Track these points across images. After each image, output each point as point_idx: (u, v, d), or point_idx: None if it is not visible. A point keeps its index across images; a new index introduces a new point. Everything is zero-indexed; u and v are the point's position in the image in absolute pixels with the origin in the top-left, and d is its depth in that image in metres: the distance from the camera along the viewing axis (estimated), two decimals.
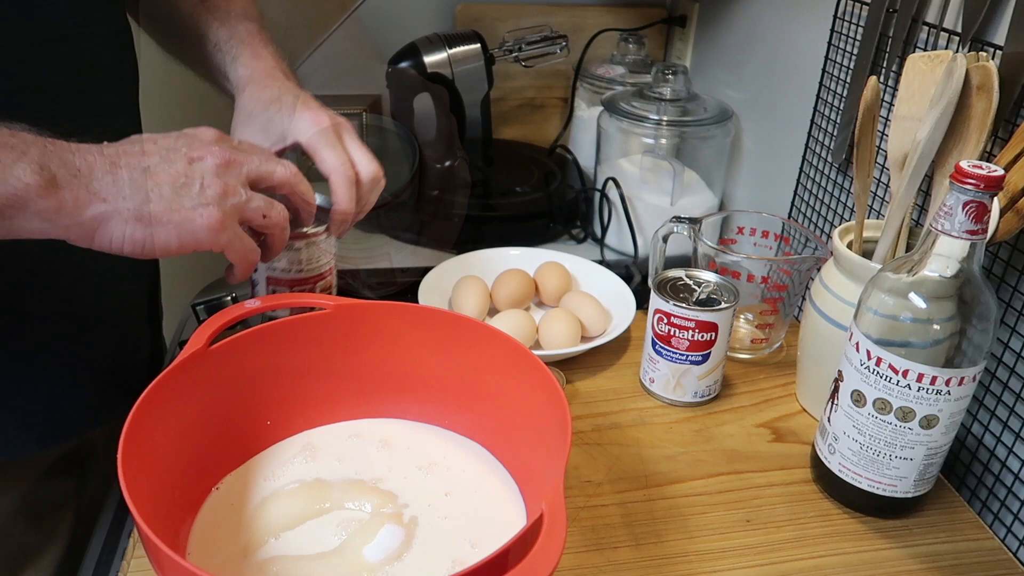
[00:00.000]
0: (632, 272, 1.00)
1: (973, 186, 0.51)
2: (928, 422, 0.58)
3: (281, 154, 0.65)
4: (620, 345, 0.84)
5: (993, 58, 0.64)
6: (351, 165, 0.65)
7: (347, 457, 0.61)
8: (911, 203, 0.66)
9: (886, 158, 0.69)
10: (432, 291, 0.86)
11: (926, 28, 0.74)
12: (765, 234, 0.87)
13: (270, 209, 0.56)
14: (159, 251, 0.51)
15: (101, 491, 0.70)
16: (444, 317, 0.63)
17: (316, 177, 0.65)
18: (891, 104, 0.68)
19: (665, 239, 0.85)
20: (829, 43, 0.89)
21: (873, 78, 0.67)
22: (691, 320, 0.72)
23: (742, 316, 0.87)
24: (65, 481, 0.70)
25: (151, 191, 0.50)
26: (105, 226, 0.49)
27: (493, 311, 0.87)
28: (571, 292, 0.88)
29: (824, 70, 0.90)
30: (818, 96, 0.92)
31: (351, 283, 0.89)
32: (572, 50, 1.21)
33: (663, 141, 1.10)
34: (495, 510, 0.57)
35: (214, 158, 0.53)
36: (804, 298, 0.76)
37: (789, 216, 0.99)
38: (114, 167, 0.49)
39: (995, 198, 0.54)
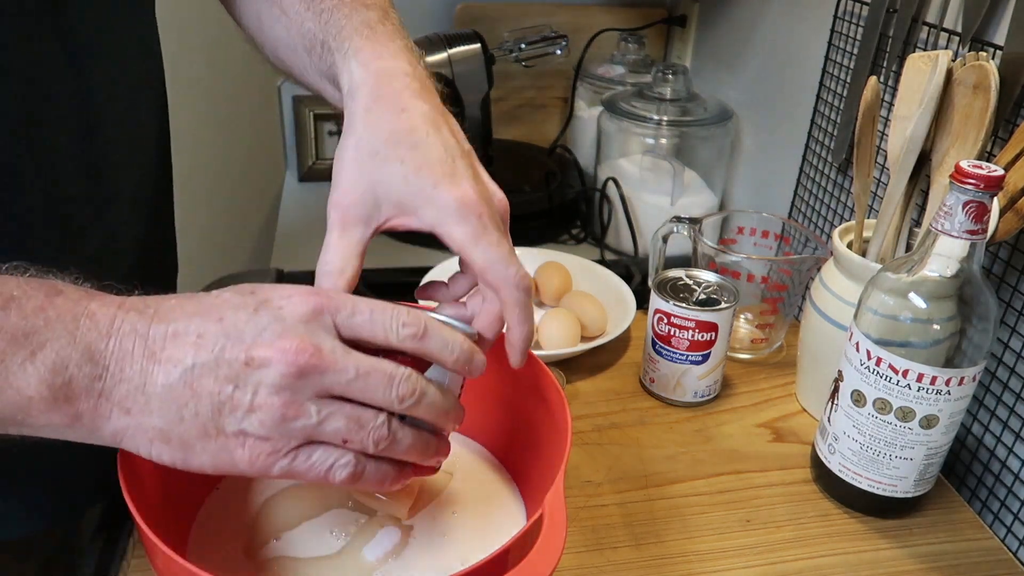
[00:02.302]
0: (632, 272, 1.00)
1: (973, 186, 0.51)
2: (928, 422, 0.58)
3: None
4: (620, 345, 0.84)
5: (993, 58, 0.64)
6: (526, 275, 0.47)
7: None
8: (899, 199, 0.66)
9: (886, 158, 0.69)
10: None
11: (926, 28, 0.74)
12: (765, 234, 0.87)
13: (356, 432, 0.41)
14: (198, 472, 0.41)
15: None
16: None
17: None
18: (891, 104, 0.68)
19: (665, 239, 0.85)
20: (829, 43, 0.89)
21: (873, 78, 0.67)
22: (691, 320, 0.72)
23: (742, 316, 0.87)
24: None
25: (185, 406, 0.39)
26: (127, 441, 0.40)
27: None
28: (571, 292, 0.88)
29: (824, 70, 0.90)
30: (818, 96, 0.92)
31: None
32: (572, 50, 1.22)
33: (663, 141, 1.10)
34: (495, 510, 0.57)
35: (282, 364, 0.38)
36: (804, 298, 0.76)
37: (789, 216, 0.99)
38: (152, 360, 0.38)
39: (995, 198, 0.54)
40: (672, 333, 0.73)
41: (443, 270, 0.89)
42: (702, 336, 0.72)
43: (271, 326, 0.39)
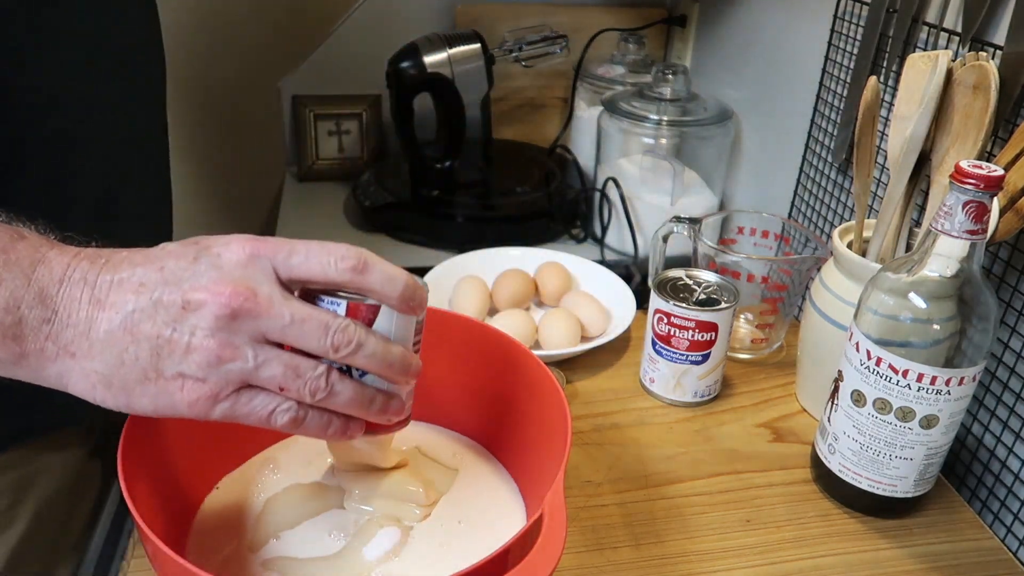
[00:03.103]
0: (632, 272, 1.00)
1: (973, 186, 0.51)
2: (928, 422, 0.58)
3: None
4: (620, 345, 0.84)
5: (993, 58, 0.64)
6: None
7: None
8: (899, 199, 0.66)
9: (886, 158, 0.69)
10: (432, 291, 0.85)
11: (926, 28, 0.74)
12: (765, 234, 0.87)
13: (293, 380, 0.41)
14: (143, 416, 0.42)
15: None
16: (444, 317, 0.63)
17: None
18: (891, 104, 0.68)
19: (665, 239, 0.85)
20: (829, 43, 0.89)
21: (873, 78, 0.67)
22: (691, 320, 0.72)
23: (742, 316, 0.87)
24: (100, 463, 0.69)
25: (125, 351, 0.40)
26: (72, 384, 0.41)
27: (493, 311, 0.87)
28: (571, 292, 0.88)
29: (824, 70, 0.90)
30: (818, 96, 0.92)
31: None
32: (572, 50, 1.21)
33: (663, 141, 1.10)
34: (495, 510, 0.57)
35: (215, 306, 0.39)
36: (804, 298, 0.76)
37: (789, 216, 0.99)
38: (97, 307, 0.40)
39: (995, 198, 0.54)
40: (672, 333, 0.73)
41: (444, 270, 0.89)
42: (702, 336, 0.72)
43: (208, 272, 0.40)
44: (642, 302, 0.82)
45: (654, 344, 0.75)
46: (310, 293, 0.44)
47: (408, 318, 0.45)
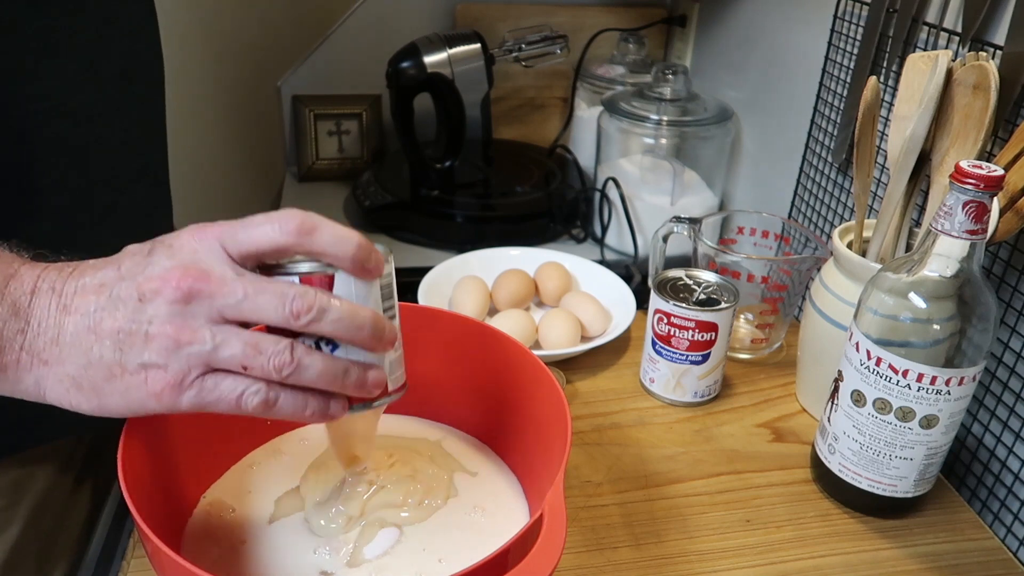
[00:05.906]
0: (632, 272, 1.00)
1: (973, 186, 0.51)
2: (928, 422, 0.58)
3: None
4: (620, 345, 0.84)
5: (993, 58, 0.64)
6: None
7: None
8: (899, 199, 0.66)
9: (886, 158, 0.69)
10: (432, 291, 0.86)
11: (926, 28, 0.74)
12: (765, 234, 0.87)
13: (255, 358, 0.40)
14: (118, 417, 0.42)
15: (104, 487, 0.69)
16: (444, 317, 0.63)
17: None
18: (891, 104, 0.68)
19: (665, 239, 0.85)
20: (829, 43, 0.89)
21: (873, 78, 0.67)
22: (691, 320, 0.72)
23: (742, 316, 0.87)
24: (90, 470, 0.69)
25: (91, 350, 0.40)
26: (48, 392, 0.41)
27: (493, 311, 0.87)
28: (571, 292, 0.88)
29: (824, 70, 0.90)
30: (818, 96, 0.92)
31: None
32: (572, 50, 1.22)
33: (663, 141, 1.10)
34: (495, 510, 0.57)
35: (168, 291, 0.39)
36: (804, 298, 0.76)
37: (789, 216, 0.99)
38: (64, 313, 0.40)
39: (995, 198, 0.54)
40: (672, 333, 0.73)
41: (444, 269, 0.89)
42: (702, 336, 0.72)
43: (161, 262, 0.40)
44: (642, 302, 0.82)
45: (654, 344, 0.75)
46: (267, 272, 0.43)
47: (368, 283, 0.44)
